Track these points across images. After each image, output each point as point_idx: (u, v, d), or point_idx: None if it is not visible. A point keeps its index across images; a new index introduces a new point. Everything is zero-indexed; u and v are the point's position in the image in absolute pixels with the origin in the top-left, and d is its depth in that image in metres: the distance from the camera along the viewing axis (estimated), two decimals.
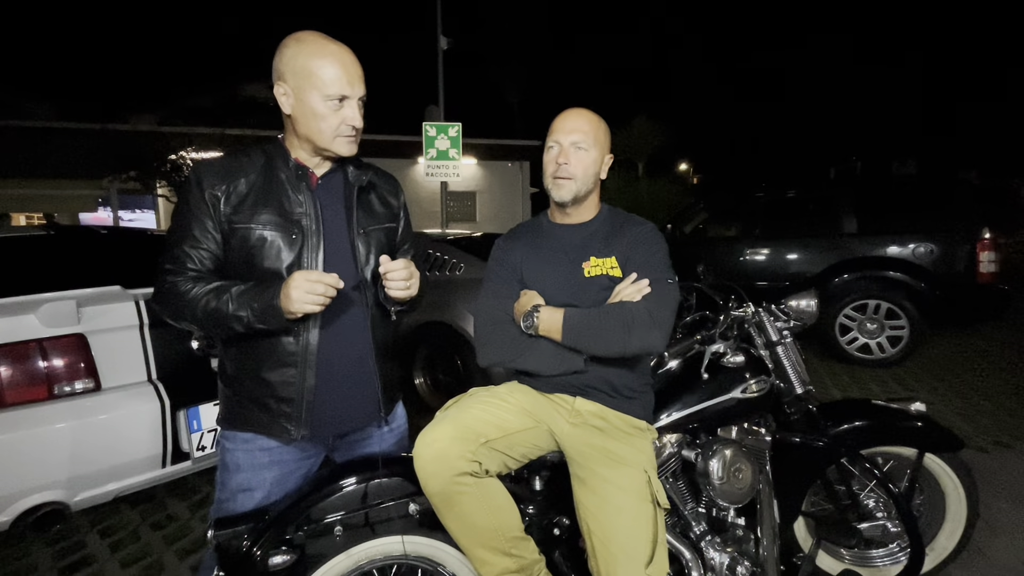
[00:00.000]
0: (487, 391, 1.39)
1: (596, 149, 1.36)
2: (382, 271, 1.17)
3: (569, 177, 1.35)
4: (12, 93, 12.76)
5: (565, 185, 1.36)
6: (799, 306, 1.69)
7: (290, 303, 1.06)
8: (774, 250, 5.20)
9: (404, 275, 1.18)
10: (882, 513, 1.70)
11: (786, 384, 1.65)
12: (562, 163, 1.35)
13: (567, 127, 1.36)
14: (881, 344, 4.69)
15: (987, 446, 3.03)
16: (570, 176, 1.35)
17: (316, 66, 1.12)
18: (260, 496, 1.24)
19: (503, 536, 1.23)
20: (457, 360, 3.50)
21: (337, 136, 1.17)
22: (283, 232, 1.17)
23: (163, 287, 1.15)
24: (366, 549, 1.22)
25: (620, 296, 1.29)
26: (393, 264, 1.17)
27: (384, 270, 1.17)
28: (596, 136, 1.36)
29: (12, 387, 1.77)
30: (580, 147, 1.34)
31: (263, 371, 1.20)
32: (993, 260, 4.40)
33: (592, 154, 1.35)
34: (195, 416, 2.09)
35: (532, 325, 1.30)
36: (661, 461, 1.47)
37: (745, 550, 1.49)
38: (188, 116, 11.99)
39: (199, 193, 1.14)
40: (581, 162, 1.35)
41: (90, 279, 2.12)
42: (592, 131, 1.36)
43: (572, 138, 1.35)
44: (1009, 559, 2.04)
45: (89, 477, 1.87)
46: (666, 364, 1.63)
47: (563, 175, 1.35)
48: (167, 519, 2.45)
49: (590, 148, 1.35)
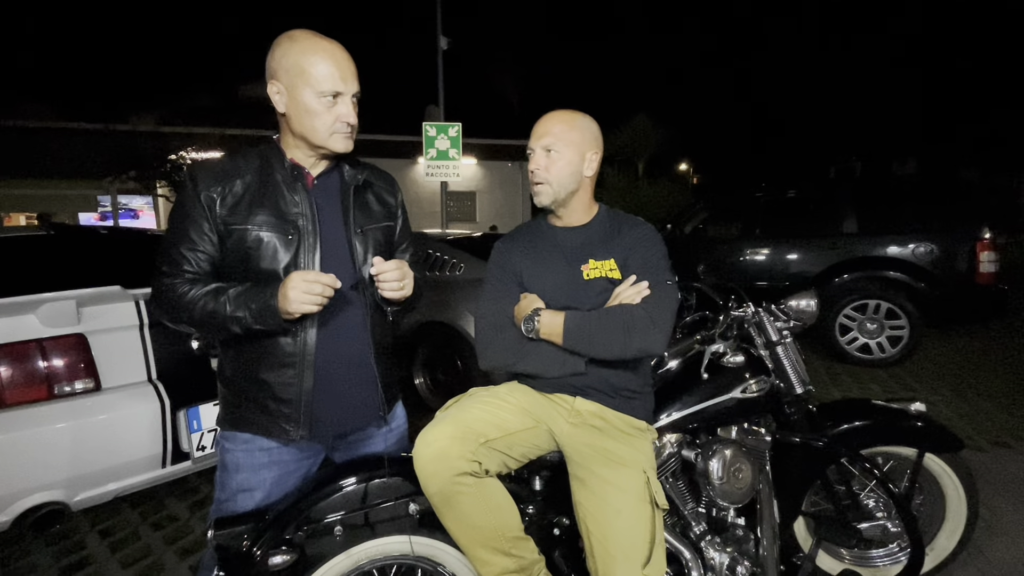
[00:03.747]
0: (487, 391, 1.39)
1: (569, 149, 1.34)
2: (374, 272, 1.18)
3: (543, 182, 1.35)
4: (12, 93, 12.76)
5: (541, 191, 1.36)
6: (799, 306, 1.69)
7: (287, 303, 1.06)
8: (774, 250, 5.20)
9: (396, 276, 1.18)
10: (882, 513, 1.70)
11: (786, 384, 1.65)
12: (533, 169, 1.36)
13: (538, 131, 1.37)
14: (881, 344, 4.69)
15: (987, 446, 3.03)
16: (543, 181, 1.35)
17: (309, 63, 1.11)
18: (260, 496, 1.24)
19: (503, 536, 1.23)
20: (457, 360, 3.49)
21: (332, 133, 1.16)
22: (279, 233, 1.16)
23: (160, 289, 1.15)
24: (366, 549, 1.22)
25: (620, 298, 1.29)
26: (385, 265, 1.17)
27: (376, 271, 1.17)
28: (568, 136, 1.34)
29: (12, 387, 1.77)
30: (550, 150, 1.34)
31: (261, 372, 1.20)
32: (993, 260, 4.40)
33: (565, 155, 1.34)
34: (195, 416, 2.09)
35: (533, 329, 1.30)
36: (661, 461, 1.47)
37: (745, 550, 1.49)
38: (188, 116, 12.00)
39: (195, 195, 1.14)
40: (553, 165, 1.34)
41: (90, 279, 2.12)
42: (563, 131, 1.34)
43: (543, 142, 1.35)
44: (1009, 559, 2.04)
45: (89, 477, 1.87)
46: (666, 364, 1.63)
47: (537, 180, 1.36)
48: (167, 519, 2.45)
49: (561, 149, 1.34)
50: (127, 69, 17.27)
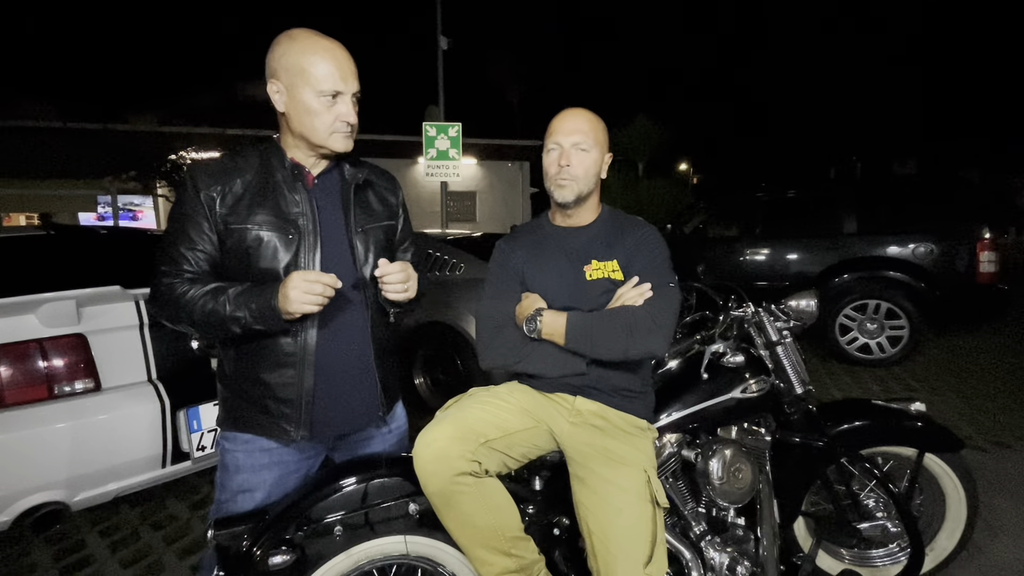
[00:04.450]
0: (487, 391, 1.39)
1: (596, 149, 1.36)
2: (378, 274, 1.17)
3: (572, 179, 1.35)
4: (12, 93, 12.76)
5: (568, 186, 1.36)
6: (799, 306, 1.69)
7: (288, 303, 1.06)
8: (774, 250, 5.20)
9: (401, 278, 1.18)
10: (882, 513, 1.70)
11: (786, 384, 1.65)
12: (564, 165, 1.35)
13: (567, 128, 1.36)
14: (881, 344, 4.69)
15: (987, 446, 3.03)
16: (573, 178, 1.35)
17: (308, 62, 1.11)
18: (260, 497, 1.24)
19: (503, 536, 1.23)
20: (457, 360, 3.49)
21: (332, 132, 1.16)
22: (280, 232, 1.16)
23: (159, 289, 1.14)
24: (366, 549, 1.22)
25: (622, 300, 1.29)
26: (389, 267, 1.17)
27: (380, 273, 1.17)
28: (596, 136, 1.36)
29: (12, 387, 1.77)
30: (581, 148, 1.34)
31: (262, 372, 1.20)
32: (993, 260, 4.40)
33: (593, 154, 1.35)
34: (195, 416, 2.09)
35: (535, 329, 1.30)
36: (661, 461, 1.47)
37: (745, 550, 1.49)
38: (188, 116, 12.00)
39: (194, 194, 1.14)
40: (583, 163, 1.35)
41: (90, 279, 2.12)
42: (592, 131, 1.36)
43: (573, 139, 1.34)
44: (1009, 559, 2.04)
45: (89, 477, 1.87)
46: (666, 364, 1.63)
47: (566, 177, 1.35)
48: (167, 519, 2.45)
49: (591, 148, 1.35)
50: (127, 69, 17.29)
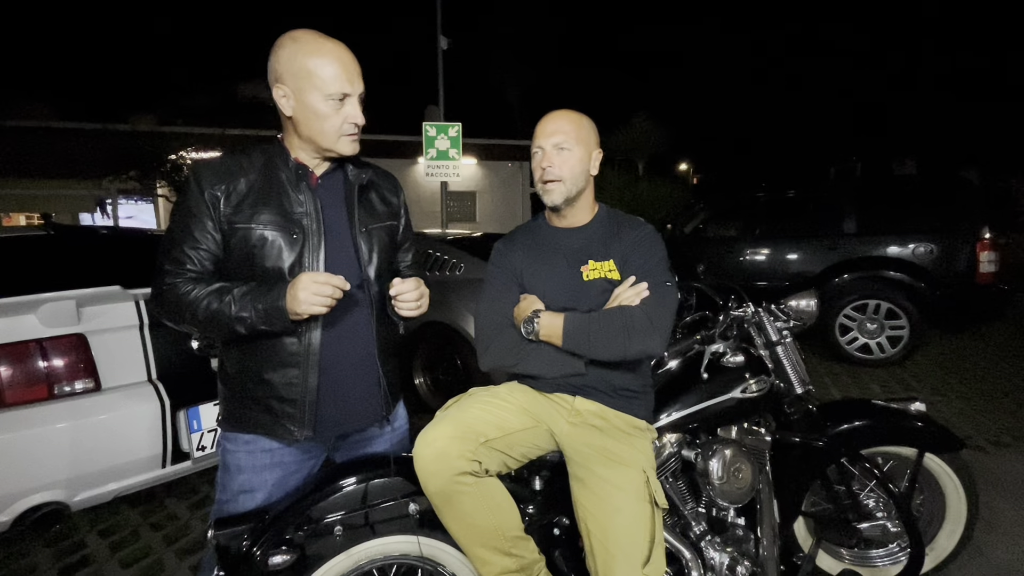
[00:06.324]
0: (487, 391, 1.39)
1: (580, 147, 1.35)
2: (393, 293, 1.19)
3: (556, 179, 1.35)
4: (12, 93, 12.75)
5: (554, 189, 1.36)
6: (799, 306, 1.70)
7: (297, 304, 1.06)
8: (774, 250, 5.20)
9: (415, 296, 1.19)
10: (882, 513, 1.70)
11: (786, 384, 1.65)
12: (546, 167, 1.35)
13: (547, 130, 1.36)
14: (881, 344, 4.69)
15: (987, 446, 3.03)
16: (557, 178, 1.35)
17: (315, 65, 1.11)
18: (261, 497, 1.24)
19: (503, 536, 1.23)
20: (457, 360, 3.50)
21: (341, 136, 1.17)
22: (284, 232, 1.16)
23: (162, 289, 1.14)
24: (366, 549, 1.22)
25: (619, 300, 1.29)
26: (404, 285, 1.18)
27: (395, 292, 1.18)
28: (578, 134, 1.36)
29: (12, 387, 1.77)
30: (563, 147, 1.34)
31: (265, 372, 1.19)
32: (993, 260, 4.39)
33: (576, 153, 1.35)
34: (195, 416, 2.09)
35: (533, 330, 1.30)
36: (661, 461, 1.47)
37: (745, 550, 1.50)
38: (188, 116, 11.98)
39: (198, 193, 1.13)
40: (566, 162, 1.34)
41: (90, 279, 2.11)
42: (573, 129, 1.35)
43: (554, 140, 1.34)
44: (1009, 559, 2.04)
45: (89, 477, 1.87)
46: (666, 364, 1.63)
47: (550, 178, 1.35)
48: (167, 519, 2.45)
49: (573, 147, 1.34)
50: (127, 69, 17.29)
